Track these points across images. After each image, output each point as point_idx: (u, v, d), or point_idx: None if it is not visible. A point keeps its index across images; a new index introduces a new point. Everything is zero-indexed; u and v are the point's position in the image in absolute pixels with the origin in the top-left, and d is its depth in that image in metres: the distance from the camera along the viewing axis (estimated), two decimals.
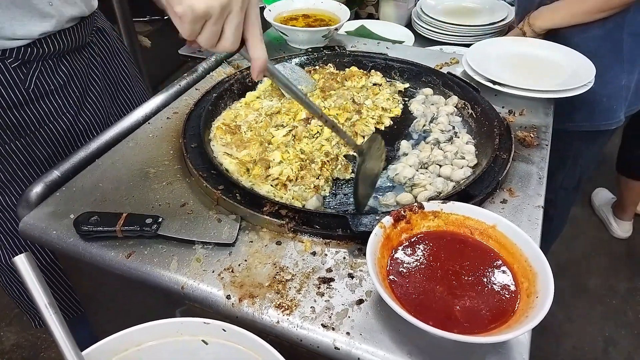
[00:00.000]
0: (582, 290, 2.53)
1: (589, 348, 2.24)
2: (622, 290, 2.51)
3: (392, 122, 1.30)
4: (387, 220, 0.84)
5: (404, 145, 1.19)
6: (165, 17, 3.73)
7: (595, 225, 2.89)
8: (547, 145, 1.19)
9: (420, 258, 0.82)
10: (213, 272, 0.86)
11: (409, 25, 2.10)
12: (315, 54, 1.49)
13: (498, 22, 1.97)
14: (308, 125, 1.22)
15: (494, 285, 0.78)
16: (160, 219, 0.92)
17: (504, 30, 2.01)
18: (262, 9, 1.68)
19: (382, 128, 1.28)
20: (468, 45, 1.91)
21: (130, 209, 0.99)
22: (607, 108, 1.69)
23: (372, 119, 1.28)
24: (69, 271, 1.21)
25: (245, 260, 0.88)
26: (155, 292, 0.88)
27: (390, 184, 1.09)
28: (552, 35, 1.65)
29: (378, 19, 2.18)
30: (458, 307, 0.74)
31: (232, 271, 0.86)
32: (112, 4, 2.96)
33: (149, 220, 0.92)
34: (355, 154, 1.04)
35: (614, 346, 2.25)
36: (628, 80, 1.67)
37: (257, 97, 1.35)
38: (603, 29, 1.55)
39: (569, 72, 1.42)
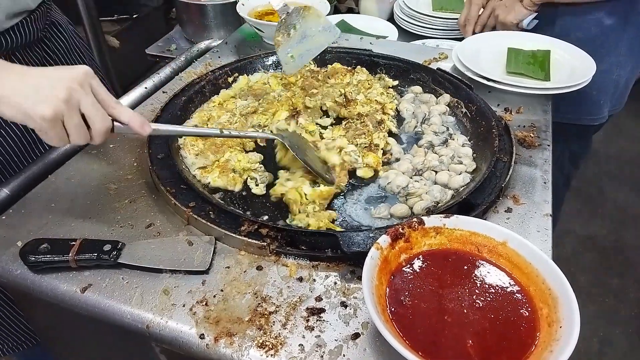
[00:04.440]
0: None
1: (584, 349, 2.18)
2: (614, 288, 2.46)
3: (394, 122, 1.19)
4: (384, 240, 0.73)
5: (395, 149, 1.08)
6: (135, 16, 3.56)
7: (584, 221, 2.84)
8: (549, 145, 1.10)
9: (424, 283, 0.71)
10: (184, 306, 0.74)
11: (391, 19, 2.00)
12: None
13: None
14: (298, 123, 1.12)
15: (509, 314, 0.68)
16: (120, 245, 0.80)
17: None
18: (235, 3, 1.55)
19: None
20: (453, 39, 1.83)
21: (87, 233, 0.86)
22: (594, 102, 1.62)
23: (376, 113, 1.17)
24: (20, 303, 1.06)
25: (222, 290, 0.76)
26: (117, 330, 0.76)
27: (383, 194, 0.99)
28: (552, 13, 1.55)
29: (358, 13, 2.07)
30: (470, 342, 0.64)
31: (206, 304, 0.74)
32: (76, 2, 2.79)
33: (107, 247, 0.79)
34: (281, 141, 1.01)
35: (610, 346, 2.19)
36: (618, 75, 1.59)
37: (232, 97, 1.23)
38: (609, 14, 1.46)
39: (567, 67, 1.33)
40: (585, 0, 1.47)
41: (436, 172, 1.01)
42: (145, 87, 1.32)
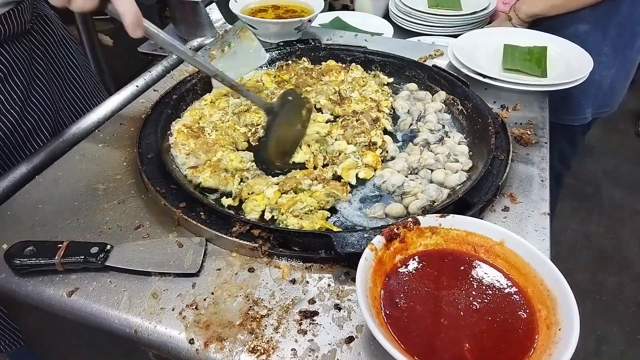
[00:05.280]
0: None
1: (581, 347, 2.16)
2: (610, 285, 2.46)
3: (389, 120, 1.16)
4: (378, 240, 0.71)
5: (390, 147, 1.06)
6: None
7: (580, 219, 2.83)
8: (546, 143, 1.08)
9: (419, 285, 0.69)
10: (173, 310, 0.72)
11: (386, 16, 1.98)
12: (287, 48, 1.36)
13: (480, 11, 1.86)
14: None
15: (506, 316, 0.66)
16: (108, 247, 0.78)
17: (487, 19, 1.91)
18: (227, 0, 1.53)
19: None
20: (449, 36, 1.81)
21: (74, 235, 0.84)
22: (575, 102, 1.61)
23: (372, 110, 1.14)
24: (6, 307, 1.04)
25: (212, 294, 0.74)
26: (107, 335, 0.74)
27: (378, 193, 0.97)
28: (543, 19, 1.55)
29: (353, 10, 2.05)
30: (467, 346, 0.62)
31: (196, 308, 0.72)
32: None
33: (94, 249, 0.77)
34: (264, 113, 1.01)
35: (607, 344, 2.19)
36: (601, 75, 1.58)
37: (224, 95, 1.21)
38: (593, 15, 1.46)
39: (564, 63, 1.32)
40: (570, 8, 1.47)
41: (432, 170, 0.99)
42: (137, 86, 1.30)
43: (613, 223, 2.82)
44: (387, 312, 0.65)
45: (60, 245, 0.77)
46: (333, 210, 0.92)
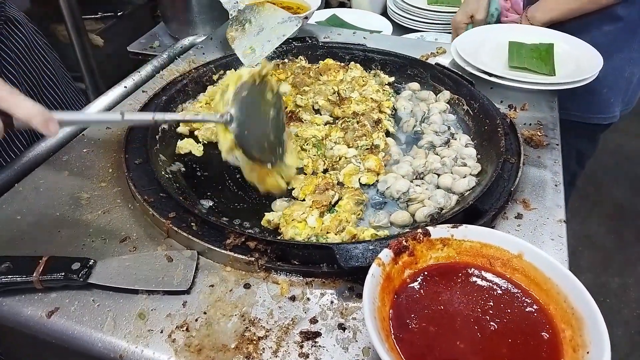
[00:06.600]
0: None
1: None
2: (614, 287, 2.41)
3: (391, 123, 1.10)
4: (386, 254, 0.65)
5: (394, 151, 1.00)
6: (119, 13, 3.46)
7: (581, 219, 2.78)
8: (557, 144, 1.03)
9: (431, 303, 0.63)
10: (162, 332, 0.66)
11: (384, 13, 1.92)
12: (283, 46, 1.29)
13: None
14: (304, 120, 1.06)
15: (528, 337, 0.60)
16: (91, 262, 0.71)
17: None
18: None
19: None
20: (449, 33, 1.76)
21: (55, 249, 0.77)
22: (605, 101, 1.56)
23: (373, 111, 1.08)
24: None
25: (205, 313, 0.68)
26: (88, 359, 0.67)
27: (381, 199, 0.91)
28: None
29: (350, 7, 2.00)
30: None
31: (187, 329, 0.66)
32: (58, 0, 2.68)
33: (75, 265, 0.71)
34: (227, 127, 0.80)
35: (612, 348, 2.13)
36: (631, 72, 1.54)
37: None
38: (621, 10, 1.40)
39: (572, 61, 1.26)
40: (588, 10, 1.42)
41: (438, 175, 0.93)
42: (125, 87, 1.23)
43: (615, 223, 2.77)
44: (398, 334, 0.59)
45: (39, 261, 0.71)
46: None
